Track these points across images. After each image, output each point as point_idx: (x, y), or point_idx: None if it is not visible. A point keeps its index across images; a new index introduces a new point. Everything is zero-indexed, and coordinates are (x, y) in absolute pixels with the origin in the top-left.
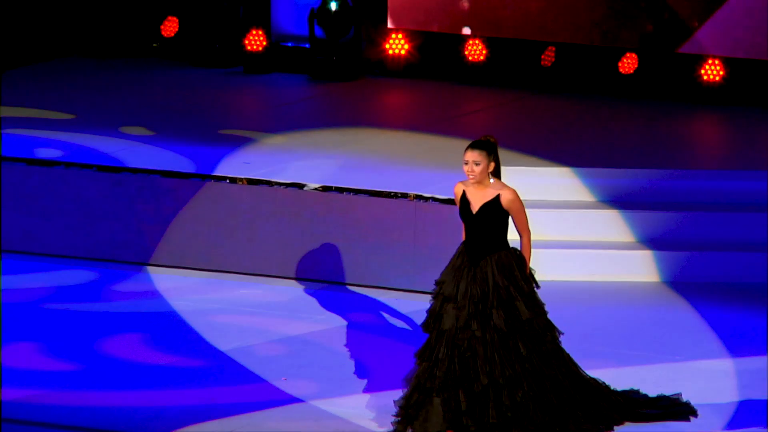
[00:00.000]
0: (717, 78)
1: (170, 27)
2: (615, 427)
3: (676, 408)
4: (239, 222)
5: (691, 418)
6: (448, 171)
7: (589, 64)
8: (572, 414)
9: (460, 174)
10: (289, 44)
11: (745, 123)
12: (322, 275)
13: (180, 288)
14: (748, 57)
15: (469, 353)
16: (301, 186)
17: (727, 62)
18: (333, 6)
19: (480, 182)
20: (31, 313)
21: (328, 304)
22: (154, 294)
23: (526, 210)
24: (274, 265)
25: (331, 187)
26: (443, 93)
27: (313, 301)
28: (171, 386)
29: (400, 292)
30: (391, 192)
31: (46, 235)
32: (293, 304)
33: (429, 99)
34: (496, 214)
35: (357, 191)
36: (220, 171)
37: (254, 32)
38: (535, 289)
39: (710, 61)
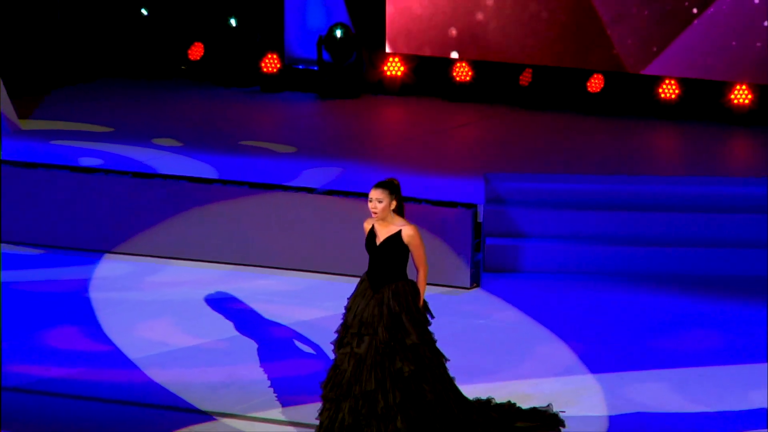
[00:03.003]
0: (673, 96)
1: (196, 51)
2: None
3: (547, 419)
4: (257, 221)
5: (561, 429)
6: (439, 178)
7: (562, 83)
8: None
9: (446, 180)
10: (300, 67)
11: (698, 136)
12: (329, 268)
13: (204, 279)
14: (701, 77)
15: (358, 370)
16: (310, 190)
17: (683, 82)
18: (338, 33)
19: (384, 219)
20: (75, 301)
21: (334, 293)
22: (183, 284)
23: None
24: (286, 258)
25: (337, 191)
26: (434, 109)
27: (321, 291)
28: (197, 365)
29: None
30: None
31: (89, 233)
32: (304, 293)
33: (422, 114)
34: (396, 248)
35: (359, 195)
36: (241, 177)
37: (269, 56)
38: (429, 319)
39: (667, 81)
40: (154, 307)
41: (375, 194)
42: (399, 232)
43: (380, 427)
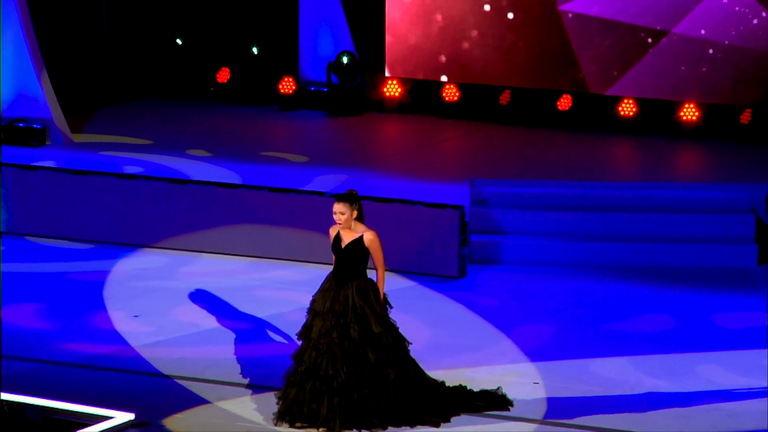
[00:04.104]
0: (631, 113)
1: (223, 75)
2: (452, 418)
3: (497, 400)
4: (275, 220)
5: (510, 408)
6: (430, 183)
7: (536, 102)
8: (416, 409)
9: (437, 185)
10: (312, 88)
11: (652, 147)
12: None
13: (230, 270)
14: (655, 97)
15: (328, 355)
16: (321, 194)
17: (639, 101)
18: (345, 60)
19: (348, 227)
20: (119, 288)
21: None
22: (212, 274)
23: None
24: (301, 251)
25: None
26: (427, 125)
27: None
28: (224, 343)
29: (393, 272)
30: (387, 198)
31: (132, 230)
32: (314, 281)
33: (416, 129)
34: (359, 250)
35: (362, 198)
36: (261, 183)
37: (286, 79)
38: (388, 309)
39: (626, 101)
40: (187, 293)
41: (338, 207)
42: (361, 237)
43: (368, 409)
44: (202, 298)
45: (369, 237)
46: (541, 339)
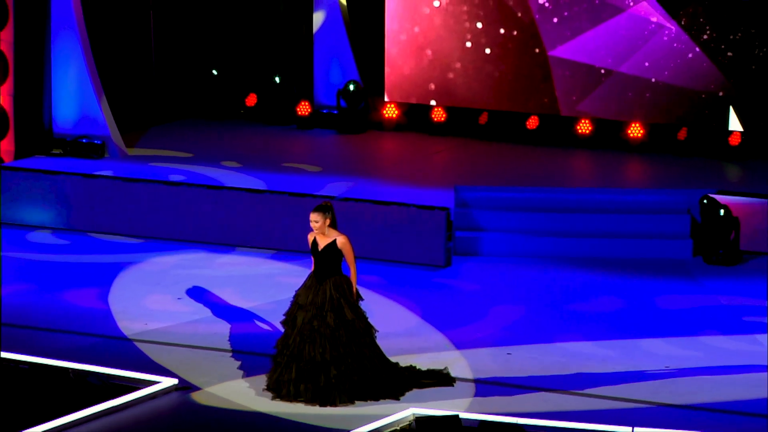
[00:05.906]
0: (587, 131)
1: (251, 100)
2: (407, 393)
3: (443, 378)
4: (293, 219)
5: (453, 385)
6: (422, 189)
7: (509, 122)
8: (380, 385)
9: (427, 190)
10: (325, 111)
11: (605, 160)
12: None
13: (256, 261)
14: (607, 118)
15: (309, 340)
16: (331, 198)
17: (595, 121)
18: (351, 87)
19: (323, 233)
20: (165, 275)
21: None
22: (241, 264)
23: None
24: None
25: (350, 198)
26: (419, 141)
27: None
28: (252, 320)
29: (390, 261)
30: (386, 201)
31: (175, 227)
32: None
33: (410, 144)
34: (333, 252)
35: (365, 201)
36: (283, 189)
37: (303, 103)
38: (359, 301)
39: (583, 121)
40: (221, 280)
41: (314, 216)
42: (334, 241)
43: (318, 377)
44: (234, 283)
45: (341, 241)
46: (514, 318)
